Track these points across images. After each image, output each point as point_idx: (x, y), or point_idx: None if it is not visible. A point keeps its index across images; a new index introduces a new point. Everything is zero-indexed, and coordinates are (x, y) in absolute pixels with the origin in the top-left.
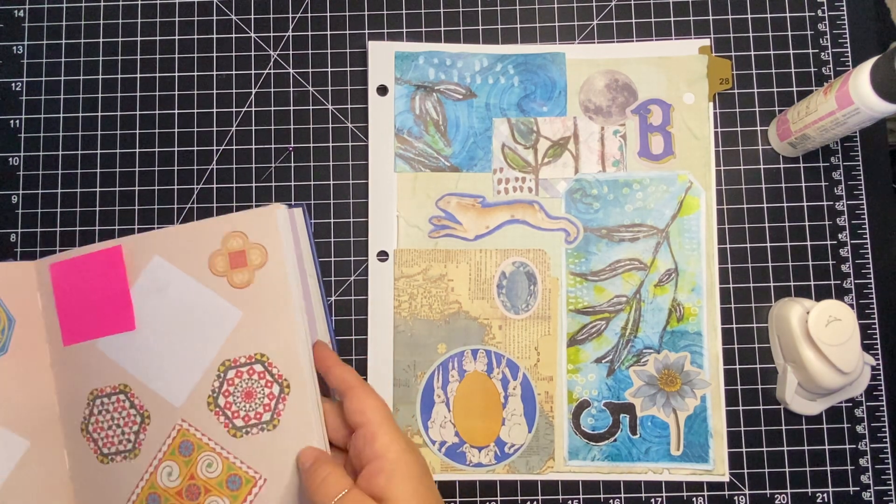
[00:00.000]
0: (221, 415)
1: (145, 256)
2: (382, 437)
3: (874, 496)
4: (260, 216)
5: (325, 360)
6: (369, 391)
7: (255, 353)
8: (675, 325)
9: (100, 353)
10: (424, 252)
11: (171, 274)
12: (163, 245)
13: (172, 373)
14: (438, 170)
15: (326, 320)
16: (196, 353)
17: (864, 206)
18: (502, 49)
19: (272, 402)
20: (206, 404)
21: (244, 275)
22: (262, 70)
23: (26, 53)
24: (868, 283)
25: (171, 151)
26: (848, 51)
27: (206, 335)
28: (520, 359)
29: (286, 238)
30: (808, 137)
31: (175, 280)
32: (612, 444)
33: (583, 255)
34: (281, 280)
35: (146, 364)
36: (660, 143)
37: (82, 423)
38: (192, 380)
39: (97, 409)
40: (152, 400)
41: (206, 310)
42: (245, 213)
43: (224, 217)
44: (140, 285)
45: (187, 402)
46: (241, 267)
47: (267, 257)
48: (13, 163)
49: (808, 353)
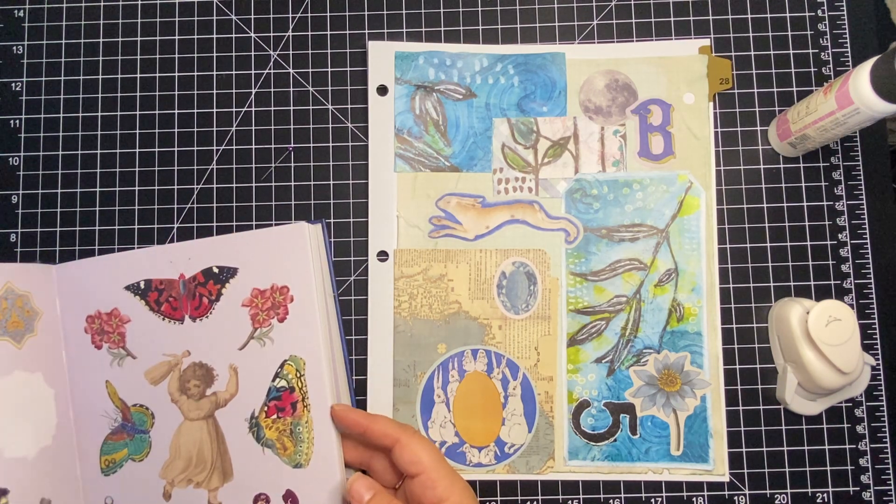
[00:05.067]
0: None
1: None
2: (442, 482)
3: (874, 496)
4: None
5: (356, 422)
6: (418, 438)
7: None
8: (675, 325)
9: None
10: (424, 252)
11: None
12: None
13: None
14: (438, 170)
15: (341, 337)
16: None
17: (864, 206)
18: (502, 49)
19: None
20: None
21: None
22: (262, 70)
23: (26, 53)
24: (868, 283)
25: (171, 151)
26: (848, 51)
27: None
28: (520, 359)
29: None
30: (808, 137)
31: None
32: (612, 444)
33: (583, 255)
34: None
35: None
36: (660, 143)
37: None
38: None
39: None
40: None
41: None
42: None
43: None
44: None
45: None
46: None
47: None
48: (13, 163)
49: (808, 353)
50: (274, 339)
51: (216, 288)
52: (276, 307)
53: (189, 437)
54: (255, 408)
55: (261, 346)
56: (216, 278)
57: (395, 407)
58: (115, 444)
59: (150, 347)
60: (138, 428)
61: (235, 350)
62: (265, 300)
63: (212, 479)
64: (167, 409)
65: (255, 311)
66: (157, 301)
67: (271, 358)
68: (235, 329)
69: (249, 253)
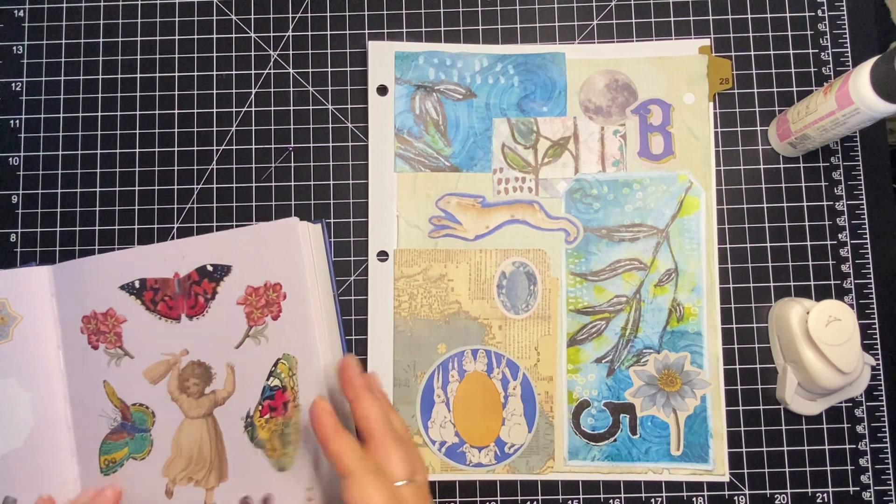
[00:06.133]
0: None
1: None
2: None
3: (874, 496)
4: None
5: (320, 431)
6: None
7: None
8: (675, 325)
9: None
10: (424, 252)
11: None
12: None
13: None
14: (438, 170)
15: (341, 337)
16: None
17: (864, 206)
18: (502, 49)
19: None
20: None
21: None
22: (262, 70)
23: (26, 53)
24: (868, 283)
25: (171, 151)
26: (848, 51)
27: None
28: (520, 359)
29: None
30: (808, 137)
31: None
32: (612, 444)
33: (583, 255)
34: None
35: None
36: (660, 143)
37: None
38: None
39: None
40: None
41: None
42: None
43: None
44: None
45: None
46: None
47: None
48: (13, 163)
49: (808, 353)
50: (269, 337)
51: (211, 286)
52: (270, 305)
53: (190, 435)
54: (251, 407)
55: (256, 345)
56: (210, 276)
57: (396, 407)
58: (115, 444)
59: (147, 347)
60: (139, 427)
61: (232, 348)
62: (259, 298)
63: (210, 477)
64: (167, 407)
65: (249, 309)
66: (153, 300)
67: (266, 356)
68: (231, 327)
69: (242, 250)
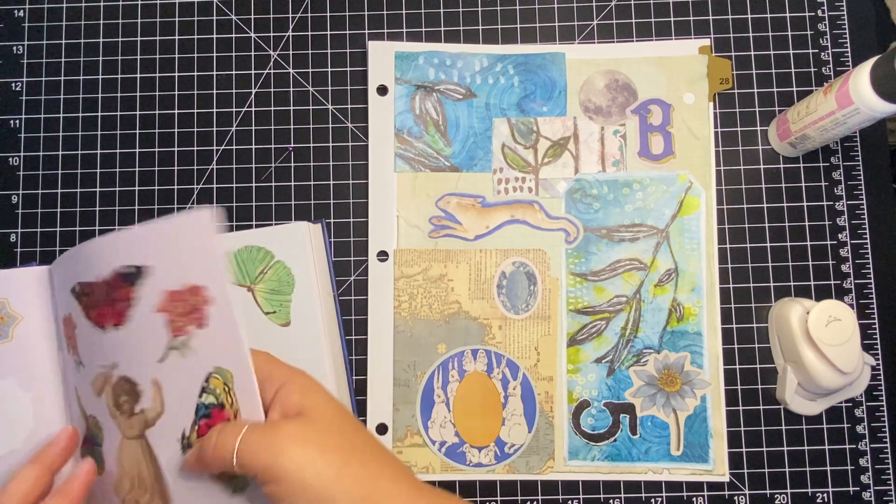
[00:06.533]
0: None
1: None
2: (281, 367)
3: (874, 496)
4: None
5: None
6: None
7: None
8: (675, 325)
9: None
10: (424, 252)
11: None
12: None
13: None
14: (438, 170)
15: (340, 337)
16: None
17: (864, 206)
18: (502, 49)
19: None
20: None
21: None
22: (262, 70)
23: (26, 53)
24: (868, 283)
25: (171, 151)
26: (848, 51)
27: None
28: (520, 359)
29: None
30: (808, 137)
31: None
32: (612, 444)
33: (583, 255)
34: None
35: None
36: (660, 143)
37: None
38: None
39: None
40: None
41: None
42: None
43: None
44: None
45: None
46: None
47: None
48: (13, 163)
49: (808, 353)
50: (195, 348)
51: (128, 291)
52: (193, 311)
53: (129, 455)
54: (186, 427)
55: (182, 357)
56: (125, 279)
57: (395, 407)
58: (86, 453)
59: (89, 357)
60: (95, 441)
61: (155, 362)
62: (179, 304)
63: (154, 501)
64: (110, 423)
65: (170, 317)
66: (87, 306)
67: (196, 371)
68: (152, 338)
69: (157, 248)
